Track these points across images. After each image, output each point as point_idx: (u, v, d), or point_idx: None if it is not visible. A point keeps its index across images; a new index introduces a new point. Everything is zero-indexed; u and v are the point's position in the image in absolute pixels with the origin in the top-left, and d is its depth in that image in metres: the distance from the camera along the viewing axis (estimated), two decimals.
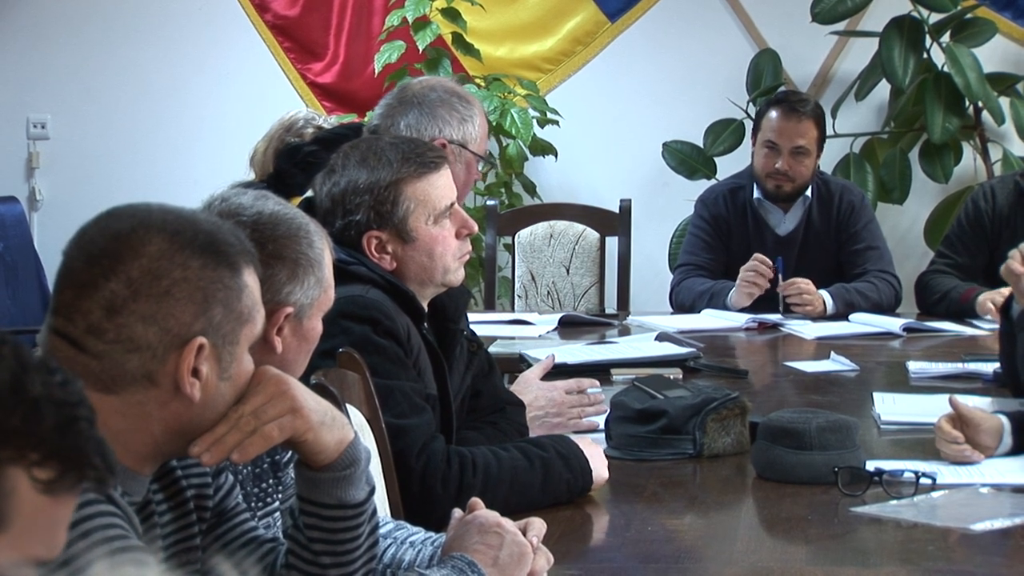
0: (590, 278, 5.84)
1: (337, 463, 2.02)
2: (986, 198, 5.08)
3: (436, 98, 3.62)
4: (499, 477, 2.82)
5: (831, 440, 2.95)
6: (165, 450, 1.92)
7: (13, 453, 1.38)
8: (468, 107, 3.64)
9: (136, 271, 1.84)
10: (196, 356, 1.86)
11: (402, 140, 3.11)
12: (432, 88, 3.67)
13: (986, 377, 3.95)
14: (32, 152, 7.16)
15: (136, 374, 1.85)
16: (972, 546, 2.62)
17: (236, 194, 2.38)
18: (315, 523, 2.06)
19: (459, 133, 3.60)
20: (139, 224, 1.87)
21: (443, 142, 3.58)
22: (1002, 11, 6.62)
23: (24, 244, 6.73)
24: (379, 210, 2.98)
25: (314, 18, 6.97)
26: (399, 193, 2.99)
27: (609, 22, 6.89)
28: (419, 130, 3.58)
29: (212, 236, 1.90)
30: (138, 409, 1.86)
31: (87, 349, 1.84)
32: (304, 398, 1.99)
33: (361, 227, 2.98)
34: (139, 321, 1.84)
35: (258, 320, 1.95)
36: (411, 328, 2.97)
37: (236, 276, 1.90)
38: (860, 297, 5.05)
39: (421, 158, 3.02)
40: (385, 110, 3.64)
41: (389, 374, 2.85)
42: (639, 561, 2.62)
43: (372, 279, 2.96)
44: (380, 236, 2.99)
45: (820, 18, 6.30)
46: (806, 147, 5.17)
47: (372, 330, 2.88)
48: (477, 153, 3.63)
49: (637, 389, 3.28)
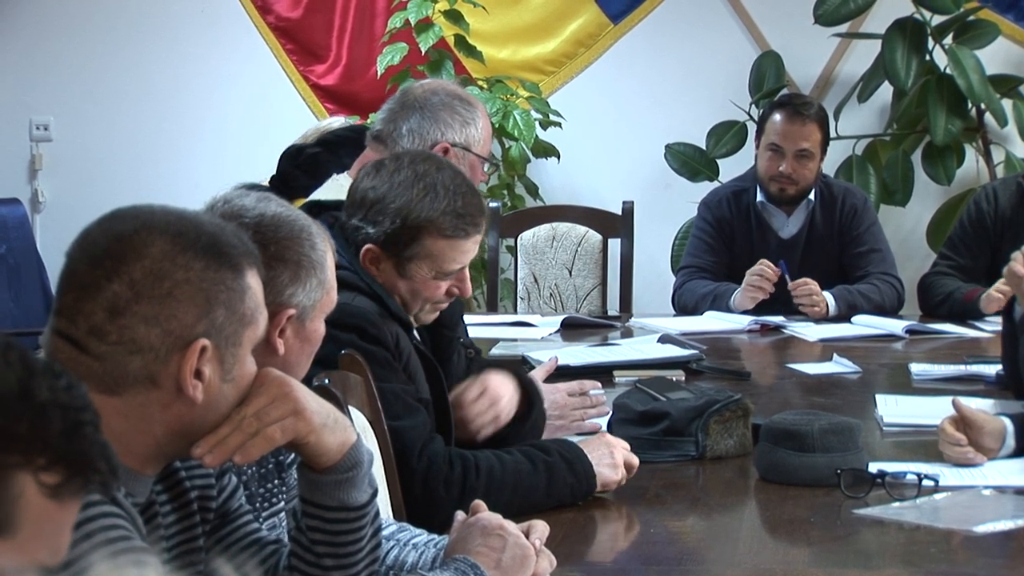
0: (592, 280, 5.83)
1: (339, 465, 2.02)
2: (988, 200, 5.08)
3: (438, 102, 3.61)
4: (502, 480, 2.81)
5: (834, 442, 2.95)
6: (167, 451, 1.92)
7: (20, 459, 1.38)
8: (471, 110, 3.64)
9: (139, 272, 1.84)
10: (199, 358, 1.86)
11: (461, 185, 2.99)
12: (434, 92, 3.66)
13: (988, 379, 3.95)
14: (35, 154, 7.16)
15: (138, 375, 1.85)
16: (975, 548, 2.62)
17: (239, 196, 2.38)
18: (317, 525, 2.06)
19: (462, 136, 3.60)
20: (142, 226, 1.87)
21: (446, 145, 3.58)
22: (1005, 13, 6.62)
23: (27, 246, 6.73)
24: (393, 239, 2.95)
25: (316, 20, 6.97)
26: (420, 239, 2.94)
27: (612, 24, 6.89)
28: (422, 134, 3.58)
29: (215, 238, 1.90)
30: (140, 411, 1.86)
31: (89, 350, 1.84)
32: (307, 400, 1.99)
33: (369, 238, 2.97)
34: (141, 323, 1.84)
35: (261, 322, 1.95)
36: (400, 334, 2.96)
37: (239, 278, 1.90)
38: (863, 299, 5.05)
39: (462, 220, 2.95)
40: (388, 115, 3.64)
41: (379, 377, 2.84)
42: (642, 563, 2.62)
43: (359, 287, 2.95)
44: (380, 255, 2.97)
45: (823, 20, 6.30)
46: (810, 150, 5.17)
47: (358, 337, 2.87)
48: (481, 155, 3.62)
49: (639, 391, 3.28)
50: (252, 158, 4.63)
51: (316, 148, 4.55)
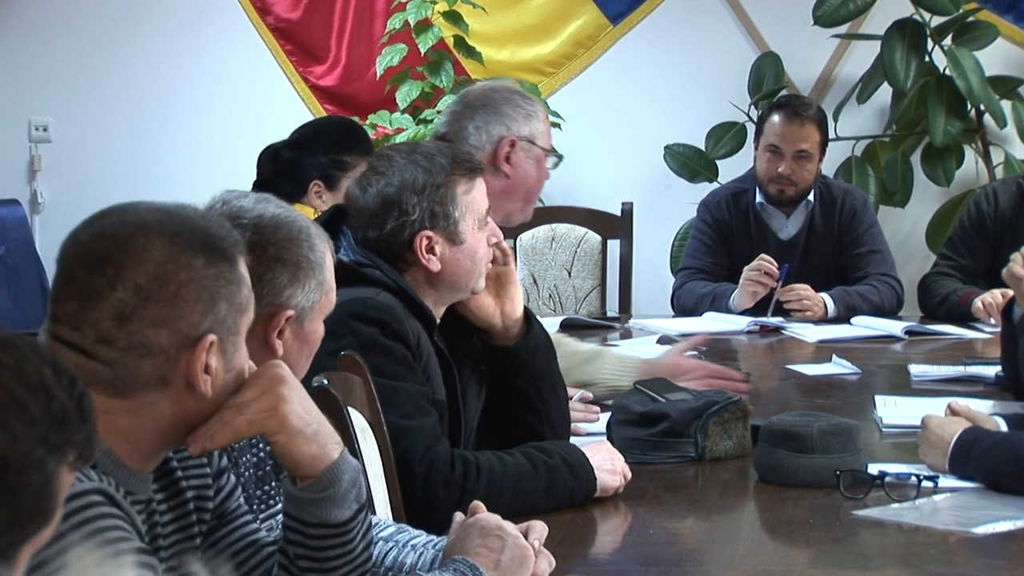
0: (592, 281, 5.83)
1: (315, 484, 2.01)
2: (988, 201, 5.08)
3: (499, 97, 3.62)
4: (503, 482, 2.81)
5: (833, 443, 2.95)
6: (170, 444, 1.93)
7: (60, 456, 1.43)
8: (531, 103, 3.65)
9: (143, 277, 1.84)
10: (207, 353, 1.87)
11: (442, 144, 3.11)
12: (493, 89, 3.68)
13: (988, 380, 3.95)
14: (34, 155, 7.16)
15: (150, 377, 1.86)
16: (974, 549, 2.62)
17: (237, 197, 2.38)
18: (299, 540, 2.05)
19: (526, 129, 3.60)
20: (137, 228, 1.87)
21: (513, 139, 3.57)
22: (1004, 14, 6.62)
23: (26, 247, 6.73)
24: (434, 210, 2.97)
25: (316, 21, 6.97)
26: (453, 195, 2.98)
27: (611, 25, 6.89)
28: (488, 130, 3.57)
29: (207, 232, 1.90)
30: (149, 409, 1.87)
31: (98, 357, 1.84)
32: (290, 401, 1.98)
33: (415, 227, 2.97)
34: (150, 326, 1.84)
35: (252, 307, 1.96)
36: (421, 333, 2.96)
37: (234, 269, 1.92)
38: (862, 300, 5.05)
39: (469, 163, 3.03)
40: (451, 117, 3.63)
41: (396, 375, 2.85)
42: (640, 564, 2.62)
43: (384, 283, 2.96)
44: (431, 236, 2.98)
45: (822, 21, 6.30)
46: (809, 151, 5.17)
47: (380, 332, 2.87)
48: (545, 148, 3.63)
49: (639, 392, 3.28)
50: (251, 159, 4.62)
51: (291, 151, 4.54)
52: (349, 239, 3.01)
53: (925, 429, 3.06)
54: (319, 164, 4.45)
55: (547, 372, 3.16)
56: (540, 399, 3.13)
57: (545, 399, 3.13)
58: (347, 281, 2.87)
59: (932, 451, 3.02)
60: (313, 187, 4.40)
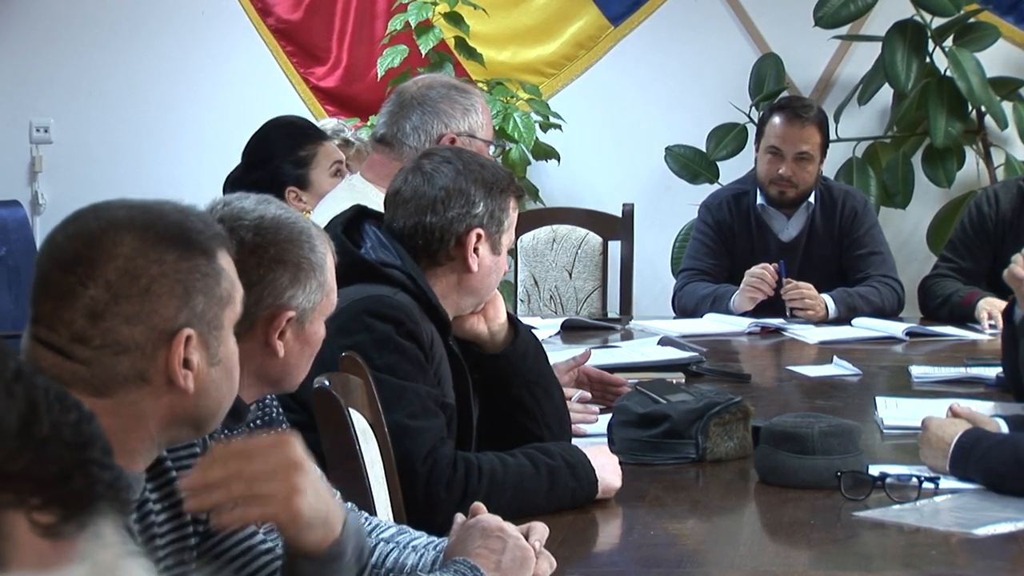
0: (593, 282, 5.83)
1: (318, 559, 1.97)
2: (989, 202, 5.08)
3: (436, 95, 3.64)
4: (504, 483, 2.81)
5: (834, 444, 2.95)
6: (161, 443, 1.91)
7: (12, 497, 1.30)
8: (468, 96, 3.67)
9: (113, 273, 1.83)
10: (185, 347, 1.85)
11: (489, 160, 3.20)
12: (429, 86, 3.69)
13: (989, 382, 3.95)
14: (35, 156, 7.16)
15: (128, 375, 1.84)
16: (975, 551, 2.62)
17: (238, 198, 2.38)
18: None
19: (465, 124, 3.63)
20: (107, 225, 1.85)
21: (452, 136, 3.60)
22: (1005, 15, 6.62)
23: (27, 248, 6.73)
24: (494, 213, 3.03)
25: (317, 22, 6.97)
26: (507, 206, 3.05)
27: (612, 26, 6.89)
28: (426, 129, 3.60)
29: (181, 226, 1.88)
30: (132, 408, 1.85)
31: (74, 357, 1.83)
32: (305, 492, 1.92)
33: (474, 221, 3.00)
34: (124, 323, 1.83)
35: (237, 299, 1.93)
36: (435, 336, 2.96)
37: (211, 262, 1.89)
38: (863, 301, 5.05)
39: (518, 187, 3.11)
40: (388, 117, 3.65)
41: (406, 375, 2.85)
42: (641, 565, 2.62)
43: (403, 284, 2.96)
44: (482, 236, 3.01)
45: (823, 22, 6.30)
46: (809, 152, 5.17)
47: (395, 330, 2.87)
48: (486, 139, 3.65)
49: (639, 393, 3.28)
50: None
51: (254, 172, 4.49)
52: (374, 237, 3.02)
53: (926, 430, 3.06)
54: (284, 172, 4.47)
55: (539, 375, 3.16)
56: (535, 403, 3.12)
57: (540, 402, 3.13)
58: (366, 278, 2.88)
59: (933, 452, 3.02)
60: (290, 194, 4.40)
